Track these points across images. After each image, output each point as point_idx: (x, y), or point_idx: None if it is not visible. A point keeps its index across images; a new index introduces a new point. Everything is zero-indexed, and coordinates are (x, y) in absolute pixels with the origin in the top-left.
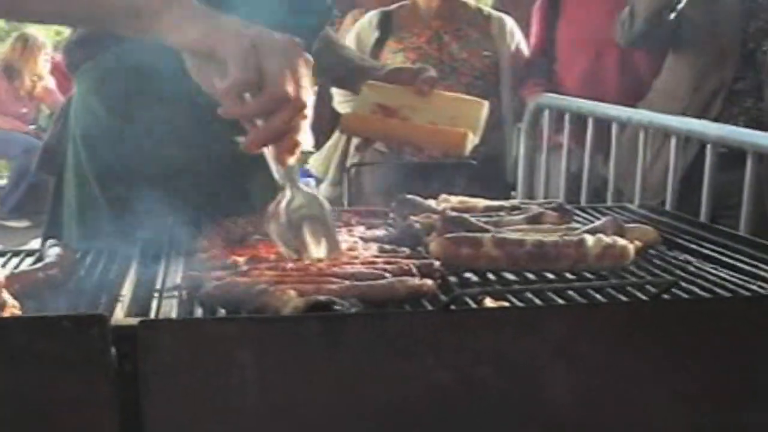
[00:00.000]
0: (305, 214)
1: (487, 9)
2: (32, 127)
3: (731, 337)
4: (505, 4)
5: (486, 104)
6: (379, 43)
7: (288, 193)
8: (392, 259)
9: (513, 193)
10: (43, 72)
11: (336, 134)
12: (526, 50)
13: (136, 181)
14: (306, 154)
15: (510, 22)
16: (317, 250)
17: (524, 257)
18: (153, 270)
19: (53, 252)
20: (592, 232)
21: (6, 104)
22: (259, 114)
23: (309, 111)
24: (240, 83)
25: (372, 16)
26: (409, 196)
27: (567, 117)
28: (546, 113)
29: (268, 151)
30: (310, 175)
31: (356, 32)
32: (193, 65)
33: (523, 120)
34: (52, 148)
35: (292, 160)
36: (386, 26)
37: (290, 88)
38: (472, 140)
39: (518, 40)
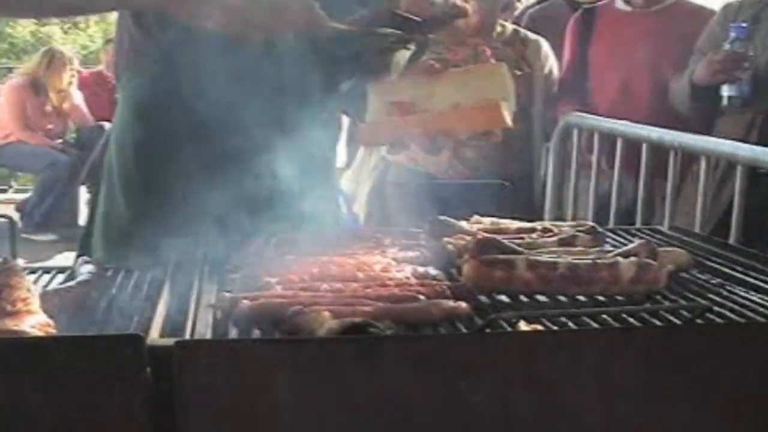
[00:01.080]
0: None
1: (523, 31)
2: (59, 141)
3: (766, 362)
4: (538, 24)
5: (504, 65)
6: (416, 57)
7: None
8: (426, 281)
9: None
10: (69, 87)
11: (361, 153)
12: (557, 73)
13: (166, 195)
14: (339, 171)
15: (545, 46)
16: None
17: (558, 280)
18: (186, 289)
19: (85, 270)
20: (625, 255)
21: (32, 119)
22: None
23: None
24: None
25: None
26: (442, 218)
27: (596, 136)
28: (575, 132)
29: None
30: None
31: None
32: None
33: (552, 139)
34: (95, 165)
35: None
36: (423, 40)
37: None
38: (509, 107)
39: (552, 63)
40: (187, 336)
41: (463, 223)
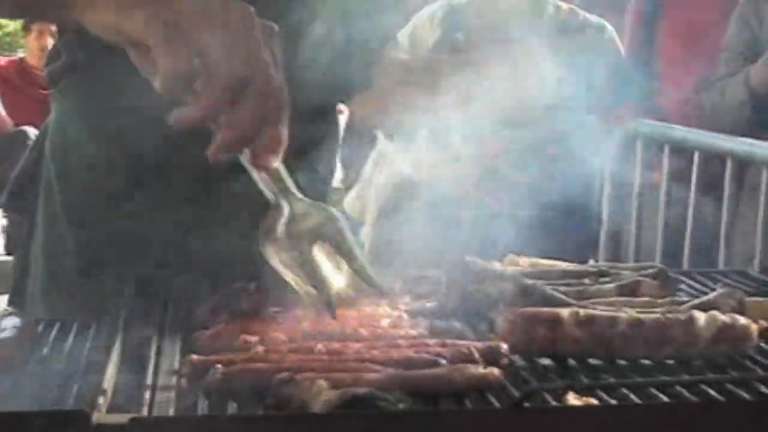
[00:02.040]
0: (313, 228)
1: (582, 13)
2: None
3: None
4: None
5: (544, 48)
6: (440, 48)
7: (284, 206)
8: (448, 340)
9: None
10: None
11: (369, 166)
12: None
13: (119, 223)
14: (338, 192)
15: (610, 32)
16: (338, 277)
17: (617, 340)
18: (143, 349)
19: (9, 323)
20: (704, 307)
21: None
22: (212, 111)
23: (284, 94)
24: (171, 73)
25: (435, 10)
26: (468, 257)
27: (667, 149)
28: (639, 144)
29: (244, 161)
30: None
31: (411, 30)
32: (132, 55)
33: (608, 154)
34: (22, 182)
35: (275, 162)
36: (453, 24)
37: (238, 64)
38: (545, 94)
39: (619, 54)
40: (145, 411)
41: (496, 265)
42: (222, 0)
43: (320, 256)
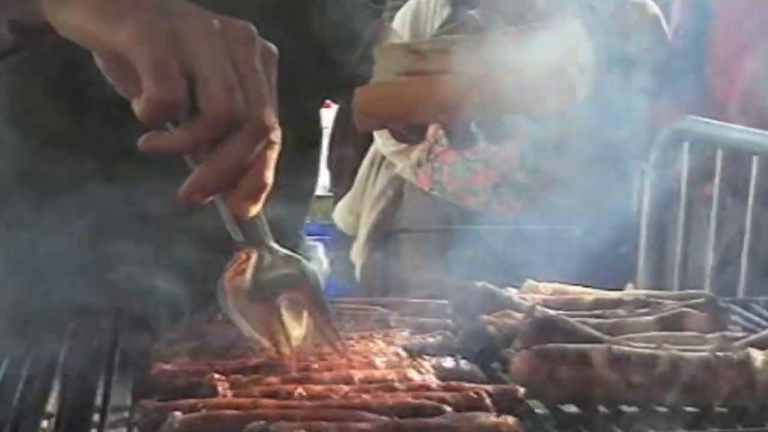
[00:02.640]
0: (282, 281)
1: None
2: None
3: None
4: None
5: (578, 23)
6: (447, 29)
7: (254, 254)
8: (453, 383)
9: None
10: None
11: (364, 170)
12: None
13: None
14: (324, 201)
15: (654, 9)
16: (298, 329)
17: (657, 383)
18: (87, 389)
19: None
20: (762, 344)
21: None
22: (196, 146)
23: (276, 135)
24: (158, 103)
25: None
26: (479, 284)
27: (719, 154)
28: (686, 147)
29: (219, 201)
30: (323, 234)
31: (413, 8)
32: (102, 65)
33: (650, 158)
34: None
35: (254, 210)
36: (464, 1)
37: (240, 102)
38: (579, 80)
39: (664, 35)
40: None
41: (512, 292)
42: (225, 19)
43: (285, 308)
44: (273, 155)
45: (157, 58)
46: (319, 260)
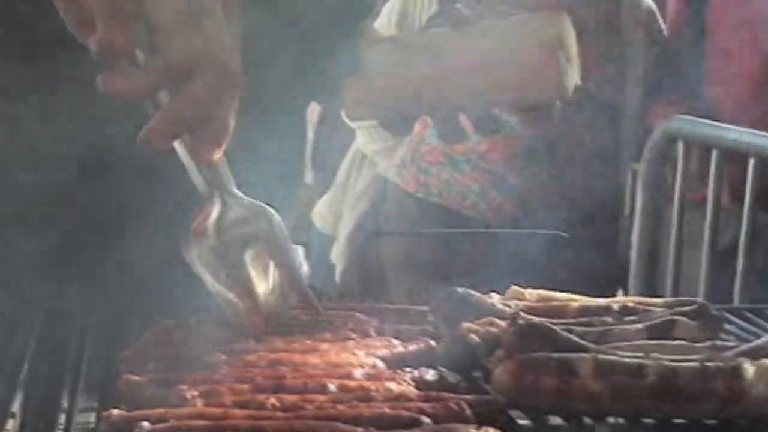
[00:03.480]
0: (247, 231)
1: None
2: None
3: None
4: None
5: (564, 13)
6: (436, 24)
7: (217, 203)
8: (433, 393)
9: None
10: None
11: (345, 168)
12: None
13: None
14: (309, 189)
15: (649, 6)
16: (264, 284)
17: (644, 394)
18: (51, 395)
19: None
20: (754, 354)
21: None
22: (153, 87)
23: (238, 81)
24: (113, 43)
25: None
26: (460, 290)
27: (714, 155)
28: (680, 147)
29: (181, 147)
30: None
31: (400, 4)
32: (62, 7)
33: (643, 159)
34: None
35: (216, 155)
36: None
37: (198, 44)
38: (569, 70)
39: (659, 33)
40: None
41: (495, 298)
42: None
43: (251, 262)
44: (233, 102)
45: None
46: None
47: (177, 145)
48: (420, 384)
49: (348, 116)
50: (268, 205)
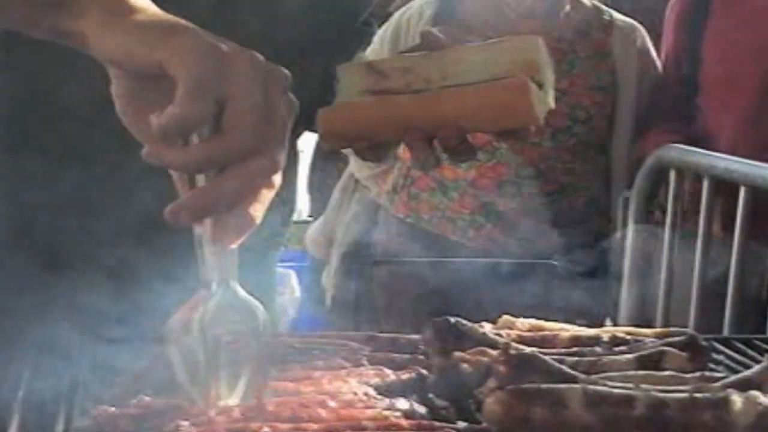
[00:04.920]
0: (231, 329)
1: (608, 11)
2: None
3: None
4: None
5: (539, 39)
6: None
7: (214, 293)
8: (424, 422)
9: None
10: None
11: (338, 193)
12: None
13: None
14: (303, 227)
15: (642, 34)
16: (229, 393)
17: (634, 425)
18: (46, 419)
19: None
20: (742, 385)
21: None
22: (207, 166)
23: (278, 178)
24: (190, 116)
25: (424, 4)
26: (452, 319)
27: (706, 184)
28: (672, 175)
29: (203, 227)
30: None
31: (393, 27)
32: (124, 89)
33: (634, 187)
34: None
35: (235, 244)
36: (446, 19)
37: (263, 134)
38: (543, 96)
39: (652, 62)
40: None
41: (487, 328)
42: (264, 62)
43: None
44: (270, 195)
45: (201, 75)
46: (291, 288)
47: (201, 226)
48: (411, 413)
49: (324, 146)
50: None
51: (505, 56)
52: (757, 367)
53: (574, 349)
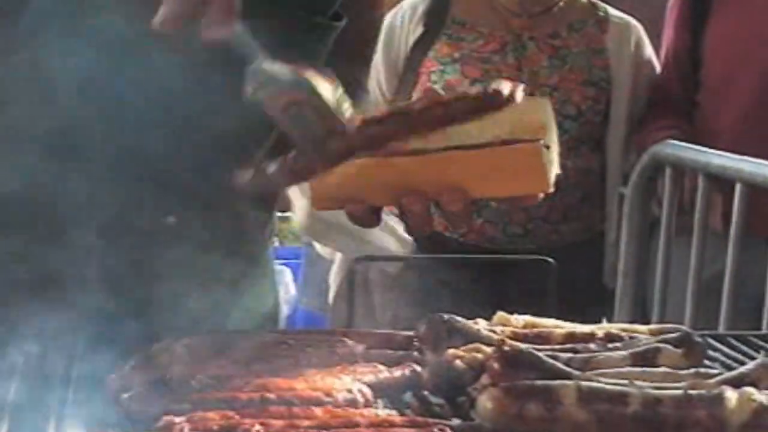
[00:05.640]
0: None
1: (603, 6)
2: None
3: None
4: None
5: (547, 101)
6: (423, 46)
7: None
8: (419, 419)
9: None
10: None
11: None
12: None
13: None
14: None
15: (638, 31)
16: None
17: (628, 422)
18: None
19: None
20: (737, 382)
21: None
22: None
23: None
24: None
25: (416, 1)
26: (447, 316)
27: (701, 180)
28: (667, 172)
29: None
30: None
31: (387, 26)
32: None
33: (630, 183)
34: None
35: (231, 25)
36: (437, 18)
37: None
38: (551, 161)
39: (647, 58)
40: None
41: (482, 325)
42: None
43: None
44: None
45: None
46: (285, 285)
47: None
48: (405, 410)
49: (314, 208)
50: None
51: (510, 117)
52: (751, 364)
53: (569, 345)
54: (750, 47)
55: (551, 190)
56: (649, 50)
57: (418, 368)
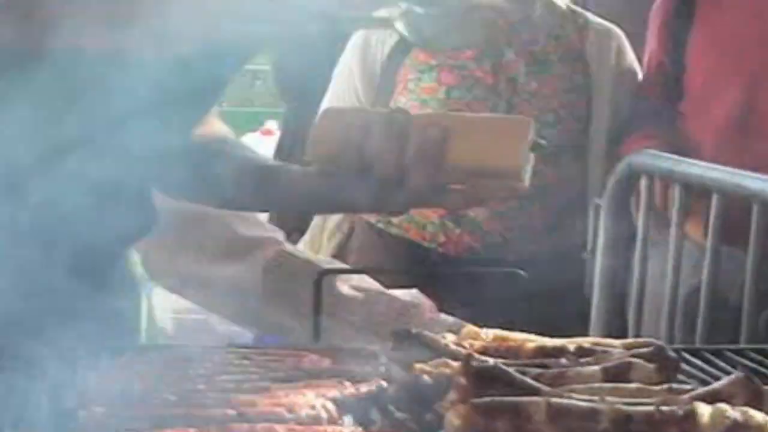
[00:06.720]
0: None
1: (583, 13)
2: None
3: None
4: (607, 9)
5: (531, 122)
6: (399, 54)
7: None
8: None
9: None
10: None
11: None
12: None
13: None
14: None
15: (619, 38)
16: None
17: None
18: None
19: None
20: (710, 398)
21: None
22: None
23: None
24: None
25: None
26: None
27: (677, 190)
28: (643, 181)
29: None
30: None
31: (363, 38)
32: None
33: (605, 193)
34: None
35: None
36: (416, 25)
37: None
38: (528, 161)
39: (629, 65)
40: None
41: (450, 339)
42: None
43: None
44: None
45: None
46: None
47: None
48: (371, 426)
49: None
50: None
51: (496, 127)
52: (725, 379)
53: (539, 360)
54: (732, 57)
55: (521, 177)
56: (631, 57)
57: (384, 384)
